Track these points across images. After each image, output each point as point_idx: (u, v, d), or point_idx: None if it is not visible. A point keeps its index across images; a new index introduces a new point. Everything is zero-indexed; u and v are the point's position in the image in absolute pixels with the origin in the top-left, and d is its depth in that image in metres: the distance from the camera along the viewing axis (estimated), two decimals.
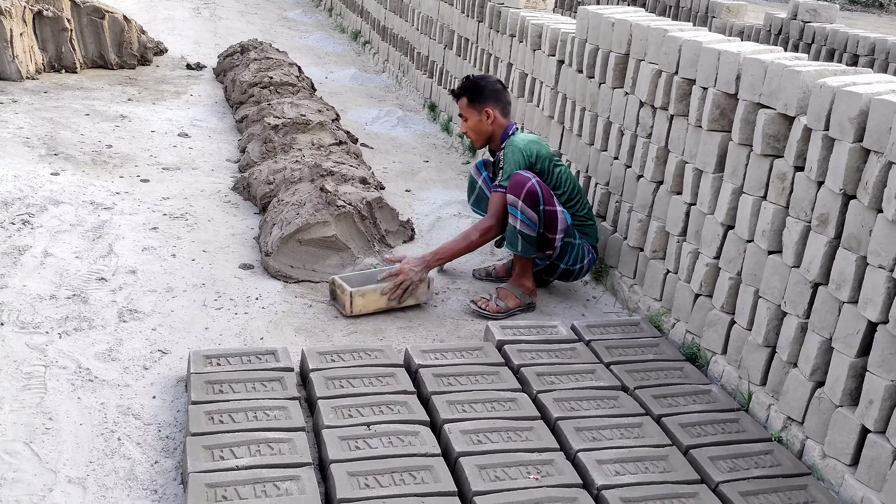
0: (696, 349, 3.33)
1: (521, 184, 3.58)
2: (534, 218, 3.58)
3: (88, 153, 5.17)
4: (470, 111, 3.82)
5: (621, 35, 3.94)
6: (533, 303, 3.78)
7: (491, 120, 3.80)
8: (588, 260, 3.81)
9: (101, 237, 4.02)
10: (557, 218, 3.62)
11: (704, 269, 3.30)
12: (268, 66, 6.62)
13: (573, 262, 3.77)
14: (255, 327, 3.38)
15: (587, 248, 3.80)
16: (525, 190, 3.56)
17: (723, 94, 3.21)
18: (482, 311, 3.68)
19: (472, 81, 3.88)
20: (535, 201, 3.56)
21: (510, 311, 3.71)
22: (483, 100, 3.79)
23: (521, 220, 3.59)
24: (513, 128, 3.84)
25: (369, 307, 3.52)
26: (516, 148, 3.69)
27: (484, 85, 3.83)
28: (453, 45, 6.48)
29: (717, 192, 3.26)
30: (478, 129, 3.84)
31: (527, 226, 3.59)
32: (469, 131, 3.87)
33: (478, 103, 3.80)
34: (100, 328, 3.22)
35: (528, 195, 3.56)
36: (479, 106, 3.80)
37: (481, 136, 3.86)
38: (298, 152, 4.92)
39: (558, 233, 3.64)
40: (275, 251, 3.86)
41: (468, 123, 3.86)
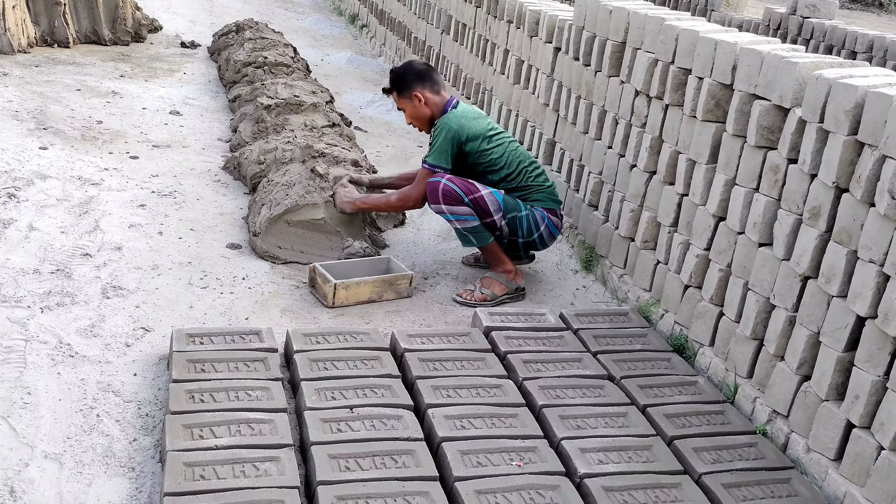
0: (683, 340, 3.31)
1: (434, 190, 3.58)
2: (467, 211, 3.57)
3: (78, 128, 5.12)
4: (403, 101, 3.80)
5: (618, 23, 3.90)
6: (521, 287, 3.76)
7: (424, 101, 3.76)
8: (546, 225, 3.75)
9: (88, 213, 3.98)
10: (486, 201, 3.60)
11: (695, 260, 3.28)
12: (262, 46, 6.56)
13: (528, 234, 3.73)
14: (240, 307, 3.35)
15: (540, 215, 3.73)
16: (440, 193, 3.57)
17: (718, 85, 3.18)
18: (467, 302, 3.65)
19: (395, 72, 3.84)
20: (456, 198, 3.56)
21: (497, 298, 3.68)
22: (409, 86, 3.76)
23: (458, 219, 3.59)
24: (452, 103, 3.78)
25: (351, 300, 3.49)
26: (445, 125, 3.64)
27: (404, 71, 3.81)
28: (450, 30, 6.43)
29: (710, 184, 3.23)
30: (416, 115, 3.80)
31: (465, 221, 3.58)
32: (412, 120, 3.85)
33: (406, 91, 3.77)
34: (83, 304, 3.19)
35: (445, 196, 3.56)
36: (408, 93, 3.76)
37: (423, 121, 3.82)
38: (290, 133, 4.87)
39: (493, 214, 3.61)
40: (263, 231, 3.83)
41: (407, 113, 3.84)
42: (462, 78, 6.12)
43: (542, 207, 3.76)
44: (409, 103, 3.78)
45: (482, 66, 5.76)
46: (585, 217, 4.18)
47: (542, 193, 3.78)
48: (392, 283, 3.59)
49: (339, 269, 3.59)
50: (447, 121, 3.65)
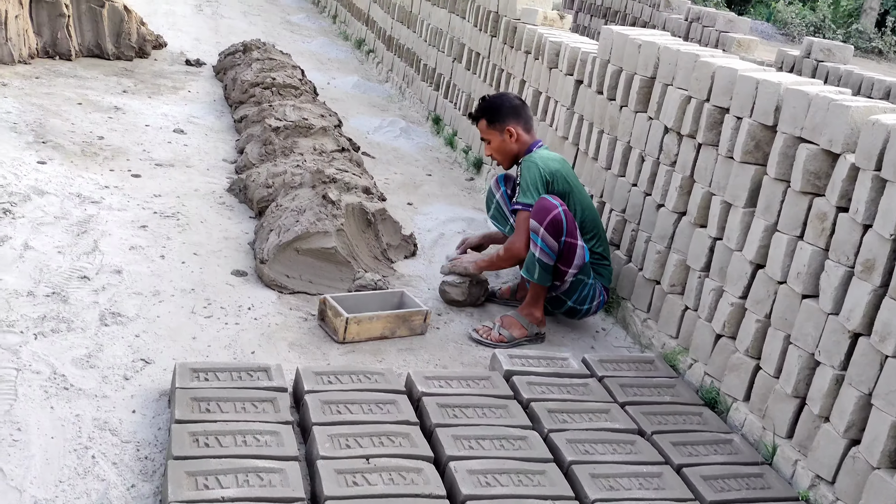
0: (715, 393, 3.14)
1: (547, 210, 3.39)
2: (554, 247, 3.40)
3: (78, 143, 4.93)
4: (491, 133, 3.64)
5: (648, 58, 3.77)
6: (542, 333, 3.57)
7: (515, 138, 3.61)
8: (598, 302, 3.63)
9: (87, 232, 3.79)
10: (576, 253, 3.44)
11: (729, 308, 3.11)
12: (270, 67, 6.41)
13: (581, 302, 3.58)
14: (246, 339, 3.16)
15: (599, 290, 3.61)
16: (550, 217, 3.38)
17: (759, 126, 3.04)
18: (483, 341, 3.47)
19: (489, 101, 3.69)
20: (557, 231, 3.38)
21: (515, 340, 3.50)
22: (502, 119, 3.61)
23: (541, 248, 3.40)
24: (537, 144, 3.66)
25: (363, 335, 3.30)
26: (532, 163, 3.51)
27: (501, 103, 3.66)
28: (463, 58, 6.31)
29: (748, 228, 3.08)
30: (502, 149, 3.64)
31: (546, 254, 3.40)
32: (494, 153, 3.69)
33: (498, 123, 3.62)
34: (79, 331, 2.99)
35: (552, 224, 3.37)
36: (500, 126, 3.61)
37: (508, 157, 3.67)
38: (300, 156, 4.71)
39: (573, 267, 3.46)
40: (270, 259, 3.64)
41: (492, 146, 3.67)
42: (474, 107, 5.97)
43: (602, 284, 3.63)
44: (497, 136, 3.63)
45: None
46: None
47: (604, 269, 3.66)
48: (406, 320, 3.40)
49: (351, 302, 3.40)
50: (534, 159, 3.53)
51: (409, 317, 3.40)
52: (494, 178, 3.94)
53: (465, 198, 5.35)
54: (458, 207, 5.07)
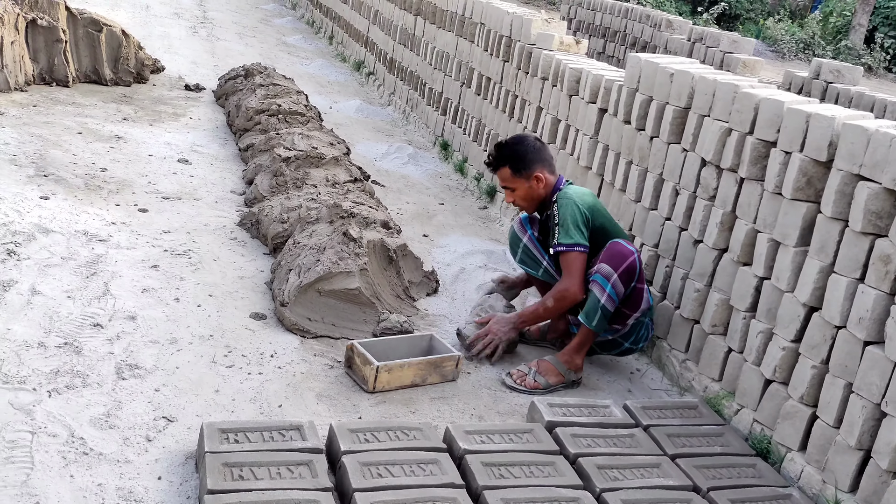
0: (766, 442, 2.98)
1: (623, 256, 3.24)
2: (622, 293, 3.26)
3: (81, 176, 4.75)
4: (517, 181, 3.43)
5: (681, 87, 3.64)
6: (578, 380, 3.41)
7: (543, 183, 3.44)
8: (648, 342, 3.55)
9: (96, 274, 3.60)
10: (643, 297, 3.33)
11: (780, 353, 2.96)
12: (275, 93, 6.25)
13: (636, 342, 3.47)
14: (271, 391, 2.98)
15: (650, 327, 3.50)
16: (626, 264, 3.24)
17: (811, 162, 2.90)
18: (517, 388, 3.30)
19: (511, 148, 3.44)
20: (630, 278, 3.25)
21: (551, 387, 3.33)
22: (529, 166, 3.41)
23: (609, 295, 3.24)
24: (562, 181, 3.49)
25: (393, 384, 3.13)
26: (569, 201, 3.35)
27: (525, 149, 3.43)
28: (472, 83, 6.17)
29: (799, 269, 2.93)
30: (530, 196, 3.46)
31: (612, 301, 3.25)
32: (519, 201, 3.49)
33: (525, 170, 3.42)
34: (95, 386, 2.80)
35: (627, 271, 3.24)
36: (527, 173, 3.41)
37: (535, 202, 3.49)
38: (313, 189, 4.55)
39: (637, 312, 3.35)
40: (292, 301, 3.47)
41: (517, 193, 3.47)
42: (485, 134, 5.84)
43: (650, 318, 3.50)
44: (524, 184, 3.42)
45: (509, 122, 5.49)
46: None
47: (651, 307, 3.50)
48: (437, 366, 3.23)
49: (379, 348, 3.23)
50: (570, 196, 3.35)
51: (441, 363, 3.24)
52: (518, 220, 3.71)
53: (480, 228, 5.19)
54: (474, 238, 4.92)
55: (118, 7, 10.73)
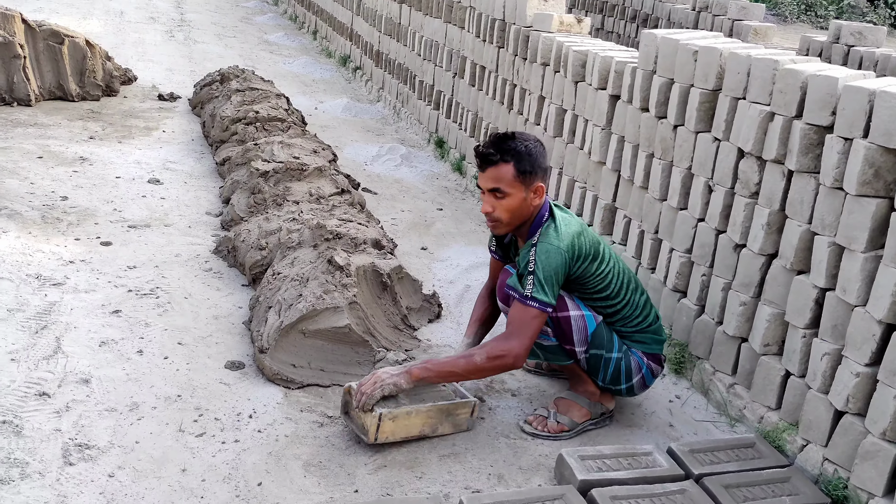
0: (842, 487, 2.49)
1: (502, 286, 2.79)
2: (544, 329, 2.72)
3: (38, 208, 4.27)
4: (516, 185, 2.66)
5: (708, 66, 3.13)
6: (610, 413, 2.92)
7: (538, 201, 2.72)
8: (640, 376, 2.86)
9: (47, 327, 3.13)
10: (571, 325, 2.72)
11: (853, 379, 2.47)
12: (252, 99, 5.75)
13: (613, 381, 2.83)
14: (249, 465, 2.50)
15: (636, 362, 2.84)
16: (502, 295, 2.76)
17: (879, 150, 2.40)
18: (540, 434, 2.82)
19: (522, 143, 2.69)
20: None
21: (578, 426, 2.85)
22: (535, 171, 2.68)
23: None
24: (547, 205, 2.76)
25: (398, 434, 2.64)
26: (553, 248, 2.63)
27: (536, 150, 2.70)
28: (465, 73, 5.66)
29: (871, 278, 2.44)
30: (519, 210, 2.70)
31: (539, 337, 2.73)
32: (503, 212, 2.69)
33: (530, 175, 2.67)
34: (36, 477, 2.33)
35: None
36: (531, 179, 2.68)
37: (518, 220, 2.72)
38: (295, 206, 4.06)
39: (575, 344, 2.74)
40: (272, 346, 2.99)
41: (507, 202, 2.67)
42: (482, 127, 5.34)
43: (643, 352, 2.86)
44: (520, 192, 2.67)
45: (508, 114, 4.98)
46: (670, 305, 3.38)
47: (646, 334, 2.87)
48: (450, 413, 2.74)
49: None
50: (552, 242, 2.63)
51: (454, 410, 2.74)
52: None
53: (484, 234, 4.69)
54: (478, 248, 4.42)
55: (91, 15, 10.26)
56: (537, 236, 2.68)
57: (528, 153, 2.69)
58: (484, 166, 2.70)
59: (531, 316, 2.62)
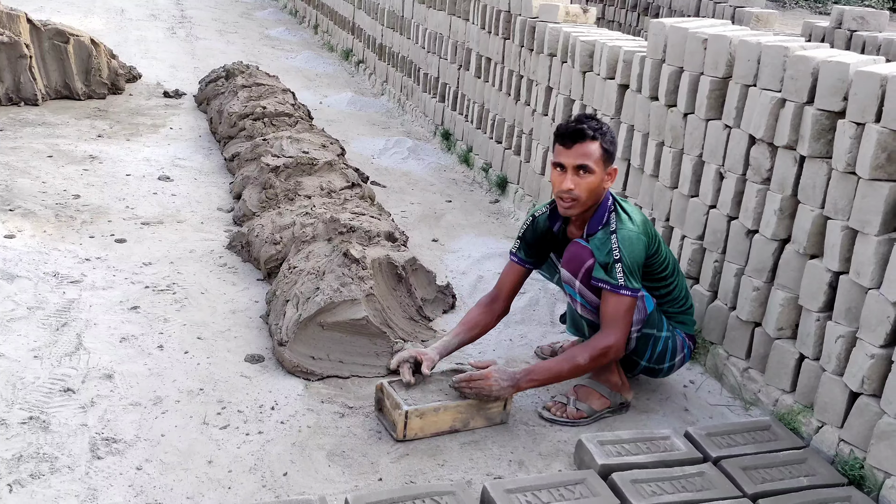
0: (859, 467, 2.53)
1: (580, 258, 2.74)
2: (595, 302, 2.77)
3: (51, 206, 4.30)
4: (599, 164, 2.71)
5: (718, 54, 3.15)
6: (627, 402, 2.96)
7: (611, 182, 2.79)
8: (682, 356, 2.96)
9: (67, 325, 3.16)
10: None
11: (868, 361, 2.50)
12: (259, 95, 5.78)
13: (659, 360, 2.91)
14: (274, 455, 2.54)
15: (681, 341, 2.93)
16: (584, 269, 2.73)
17: (892, 134, 2.43)
18: (558, 420, 2.85)
19: (606, 126, 2.76)
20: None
21: (596, 413, 2.88)
22: (615, 153, 2.79)
23: (581, 304, 2.80)
24: (610, 192, 2.83)
25: (427, 430, 2.67)
26: (633, 234, 2.70)
27: (614, 135, 2.81)
28: (470, 65, 5.68)
29: (885, 261, 2.47)
30: (597, 190, 2.73)
31: (588, 311, 2.79)
32: (584, 191, 2.70)
33: (611, 157, 2.75)
34: (65, 472, 2.36)
35: (587, 273, 2.74)
36: (611, 161, 2.75)
37: (592, 200, 2.75)
38: (307, 200, 4.09)
39: (633, 324, 2.78)
40: (291, 339, 3.02)
41: (590, 180, 2.69)
42: (490, 119, 5.36)
43: (685, 332, 2.96)
44: (602, 173, 2.72)
45: (515, 105, 5.01)
46: None
47: (687, 315, 2.98)
48: (481, 408, 2.76)
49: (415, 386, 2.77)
50: (636, 229, 2.72)
51: (485, 404, 2.76)
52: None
53: (493, 225, 4.73)
54: (489, 238, 4.46)
55: (92, 14, 10.27)
56: (613, 223, 2.73)
57: (612, 136, 2.77)
58: (573, 142, 2.71)
59: (626, 306, 2.69)
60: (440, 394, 2.74)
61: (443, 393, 2.75)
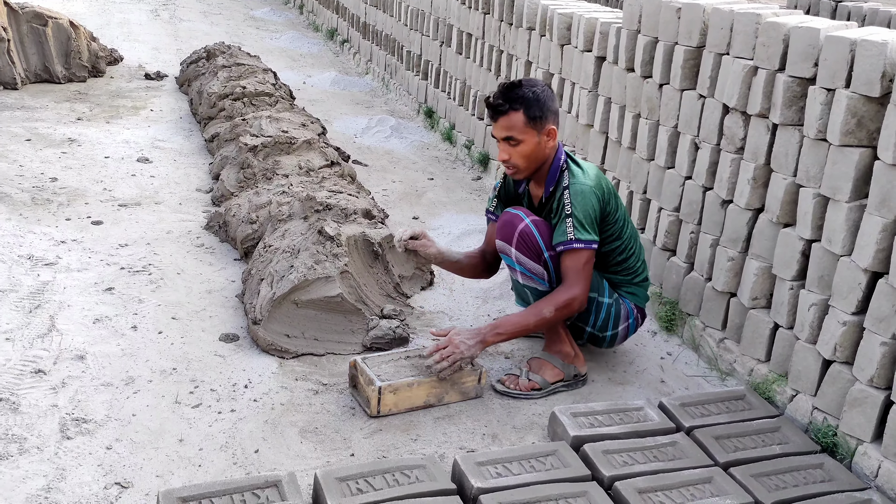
0: (832, 434, 2.53)
1: (511, 226, 2.75)
2: (538, 271, 2.75)
3: (28, 190, 4.27)
4: (527, 132, 2.70)
5: (692, 23, 3.12)
6: (581, 374, 2.93)
7: (552, 143, 2.77)
8: (626, 325, 2.94)
9: (41, 307, 3.14)
10: None
11: (840, 328, 2.50)
12: (239, 74, 5.73)
13: (602, 328, 2.90)
14: (246, 433, 2.53)
15: (626, 310, 2.93)
16: (517, 235, 2.72)
17: (861, 99, 2.41)
18: (511, 392, 2.84)
19: (529, 89, 2.72)
20: (534, 250, 2.74)
21: (549, 386, 2.86)
22: (546, 115, 2.72)
23: (522, 272, 2.79)
24: (562, 150, 2.83)
25: (402, 405, 2.67)
26: (586, 188, 2.71)
27: (544, 93, 2.74)
28: (452, 41, 5.64)
29: (856, 227, 2.45)
30: (535, 155, 2.74)
31: (531, 279, 2.78)
32: (519, 159, 2.73)
33: (540, 120, 2.71)
34: (34, 451, 2.35)
35: (522, 240, 2.73)
36: (542, 123, 2.71)
37: (534, 164, 2.77)
38: (284, 179, 4.06)
39: None
40: (265, 317, 3.01)
41: (521, 148, 2.72)
42: (471, 96, 5.33)
43: (635, 304, 2.95)
44: (534, 137, 2.71)
45: (496, 81, 4.97)
46: (660, 264, 3.40)
47: (640, 287, 2.98)
48: (455, 383, 2.75)
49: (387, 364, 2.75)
50: (581, 181, 2.72)
51: (459, 379, 2.75)
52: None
53: (475, 202, 4.71)
54: (470, 215, 4.44)
55: None
56: (566, 179, 2.74)
57: (537, 98, 2.71)
58: (495, 116, 2.74)
59: (583, 259, 2.70)
60: (413, 369, 2.73)
61: (416, 369, 2.74)
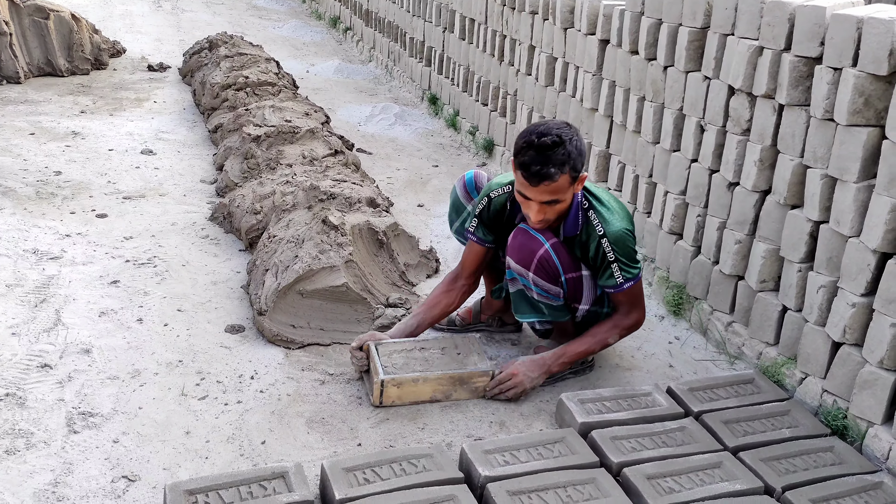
0: (842, 417, 2.51)
1: (530, 252, 2.63)
2: (554, 291, 2.70)
3: (32, 184, 4.27)
4: (570, 189, 2.53)
5: (696, 4, 3.08)
6: (589, 363, 2.90)
7: (581, 185, 2.61)
8: None
9: (46, 301, 3.14)
10: (583, 284, 2.72)
11: (850, 310, 2.47)
12: (241, 64, 5.71)
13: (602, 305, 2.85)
14: (252, 424, 2.52)
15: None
16: (536, 261, 2.63)
17: (869, 77, 2.37)
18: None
19: (571, 145, 2.47)
20: (552, 274, 2.66)
21: (555, 376, 2.83)
22: (583, 165, 2.55)
23: (539, 293, 2.71)
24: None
25: (406, 399, 2.65)
26: (624, 233, 2.61)
27: (580, 146, 2.52)
28: (455, 27, 5.59)
29: (865, 208, 2.42)
30: (565, 206, 2.60)
31: (546, 297, 2.72)
32: (554, 215, 2.59)
33: (579, 173, 2.53)
34: (41, 446, 2.35)
35: (541, 266, 2.64)
36: (578, 173, 2.53)
37: (564, 212, 2.64)
38: (288, 169, 4.05)
39: (583, 301, 2.76)
40: (271, 308, 3.00)
41: (560, 206, 2.56)
42: (475, 82, 5.29)
43: None
44: (572, 191, 2.55)
45: (500, 66, 4.93)
46: (666, 248, 3.37)
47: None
48: (464, 381, 2.70)
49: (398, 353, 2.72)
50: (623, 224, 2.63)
51: (469, 378, 2.70)
52: (462, 183, 2.98)
53: None
54: None
55: None
56: (598, 224, 2.61)
57: (579, 152, 2.51)
58: (538, 181, 2.48)
59: (636, 292, 2.73)
60: (425, 363, 2.70)
61: (427, 363, 2.71)
